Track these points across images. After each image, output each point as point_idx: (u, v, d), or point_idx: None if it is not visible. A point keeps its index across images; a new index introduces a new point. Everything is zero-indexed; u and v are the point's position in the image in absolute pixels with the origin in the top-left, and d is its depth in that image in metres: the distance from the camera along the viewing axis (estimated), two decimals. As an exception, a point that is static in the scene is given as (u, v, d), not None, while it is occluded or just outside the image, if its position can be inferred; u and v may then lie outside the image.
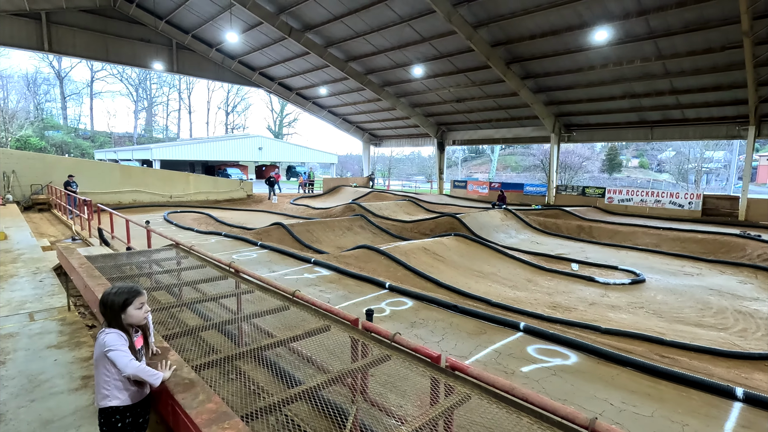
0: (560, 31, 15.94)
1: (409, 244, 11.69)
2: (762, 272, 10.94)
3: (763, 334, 7.45)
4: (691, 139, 22.45)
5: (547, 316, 7.45)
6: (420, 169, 63.41)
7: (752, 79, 14.60)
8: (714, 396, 4.08)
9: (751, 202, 17.57)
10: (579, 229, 16.81)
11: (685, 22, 13.89)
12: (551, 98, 21.09)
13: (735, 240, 13.45)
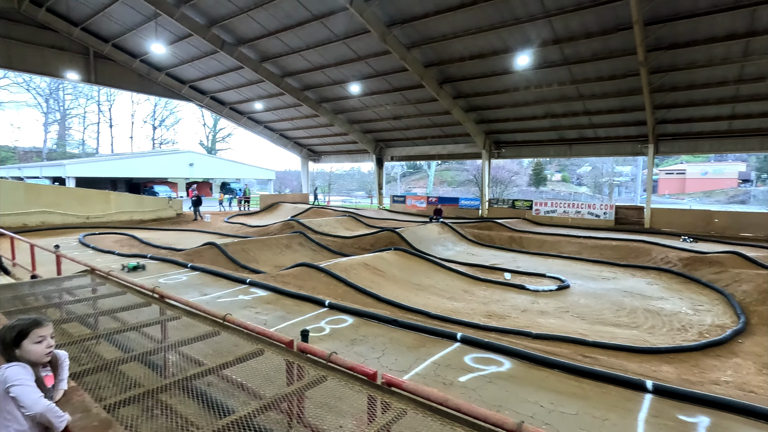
0: (487, 55, 17.05)
1: (350, 260, 11.63)
2: (665, 274, 12.25)
3: (668, 329, 8.32)
4: (603, 156, 24.87)
5: (483, 325, 7.74)
6: (360, 184, 63.85)
7: (649, 103, 16.57)
8: (629, 390, 4.45)
9: (653, 212, 19.75)
10: (510, 239, 17.79)
11: (593, 51, 15.50)
12: (481, 117, 22.36)
13: (642, 245, 14.97)
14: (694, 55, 14.42)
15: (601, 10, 13.34)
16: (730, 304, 9.38)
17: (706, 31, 13.33)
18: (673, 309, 9.37)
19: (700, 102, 16.63)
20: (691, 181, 58.37)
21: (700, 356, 6.94)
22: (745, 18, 12.52)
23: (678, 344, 7.25)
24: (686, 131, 18.57)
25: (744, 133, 17.45)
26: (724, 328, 8.14)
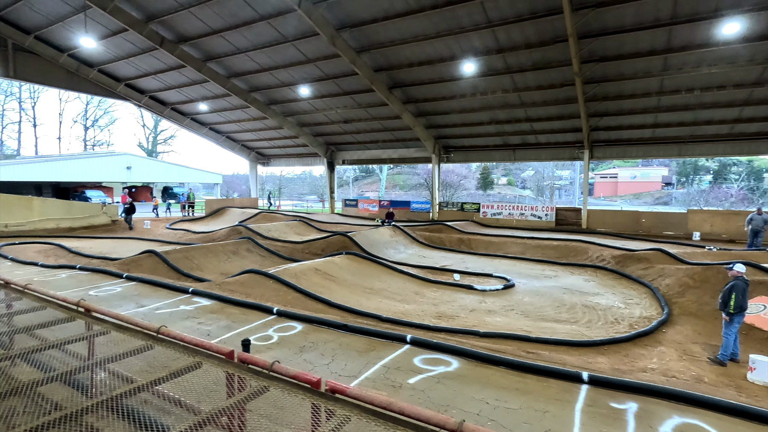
0: (435, 61, 17.47)
1: (300, 265, 11.40)
2: (600, 271, 13.11)
3: (603, 323, 8.89)
4: (544, 160, 26.25)
5: (433, 326, 7.86)
6: (312, 188, 62.96)
7: (584, 111, 17.74)
8: (568, 382, 4.69)
9: (589, 213, 21.13)
10: (460, 241, 18.27)
11: (533, 61, 16.36)
12: (431, 122, 22.85)
13: (580, 245, 15.92)
14: (621, 68, 15.63)
15: (540, 22, 14.12)
16: (656, 297, 10.19)
17: (631, 46, 14.50)
18: (608, 303, 10.03)
19: (627, 111, 18.04)
20: (622, 184, 63.01)
21: (631, 346, 7.47)
22: (663, 36, 13.76)
23: (611, 336, 7.76)
24: (617, 138, 20.07)
25: (665, 140, 19.16)
26: (650, 320, 8.83)
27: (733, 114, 16.83)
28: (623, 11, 13.09)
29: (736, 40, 13.21)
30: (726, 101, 16.25)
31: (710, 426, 3.81)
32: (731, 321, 6.76)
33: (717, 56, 14.15)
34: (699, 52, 14.05)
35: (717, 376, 6.39)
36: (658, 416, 3.96)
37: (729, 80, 15.20)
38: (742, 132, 17.54)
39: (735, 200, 35.83)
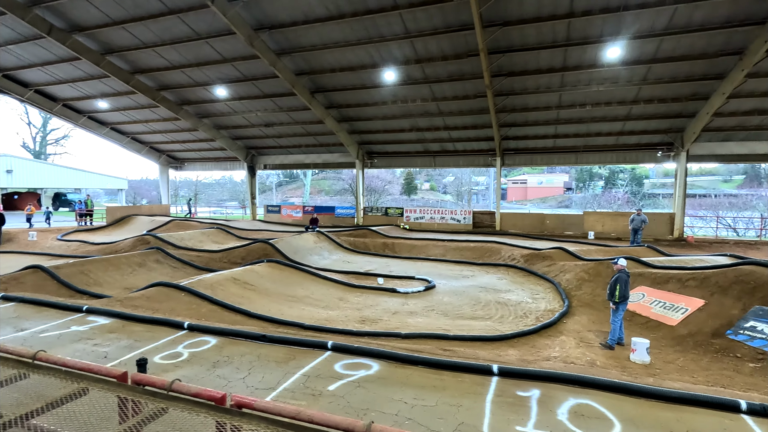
0: (357, 68, 17.65)
1: (217, 275, 10.75)
2: (512, 269, 14.12)
3: (514, 317, 9.56)
4: (462, 167, 27.69)
5: (356, 331, 7.87)
6: (233, 194, 59.91)
7: (495, 121, 19.09)
8: (480, 375, 4.96)
9: (502, 216, 22.72)
10: (384, 245, 18.56)
11: (449, 72, 17.25)
12: (354, 128, 23.00)
13: (494, 245, 17.01)
14: (526, 83, 17.10)
15: (454, 36, 14.94)
16: (558, 291, 11.22)
17: (534, 63, 15.94)
18: (518, 299, 10.82)
19: (532, 122, 19.76)
20: (531, 189, 68.75)
21: (537, 338, 8.12)
22: (560, 56, 15.33)
23: (521, 330, 8.37)
24: (524, 147, 21.86)
25: (564, 149, 21.29)
26: (553, 312, 9.69)
27: (618, 127, 19.24)
28: (526, 31, 14.33)
29: (617, 63, 15.13)
30: (612, 116, 18.52)
31: (599, 404, 4.26)
32: (617, 309, 7.65)
33: (603, 76, 16.09)
34: (589, 72, 15.86)
35: (607, 359, 7.18)
36: (558, 400, 4.34)
37: (613, 98, 17.35)
38: (625, 143, 20.11)
39: (621, 203, 40.96)
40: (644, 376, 6.19)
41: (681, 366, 6.91)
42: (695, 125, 17.25)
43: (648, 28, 13.52)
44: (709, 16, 12.79)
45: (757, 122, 17.17)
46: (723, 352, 7.25)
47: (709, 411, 4.15)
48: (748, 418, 4.00)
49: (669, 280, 9.71)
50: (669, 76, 15.55)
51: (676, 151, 18.92)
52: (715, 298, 8.49)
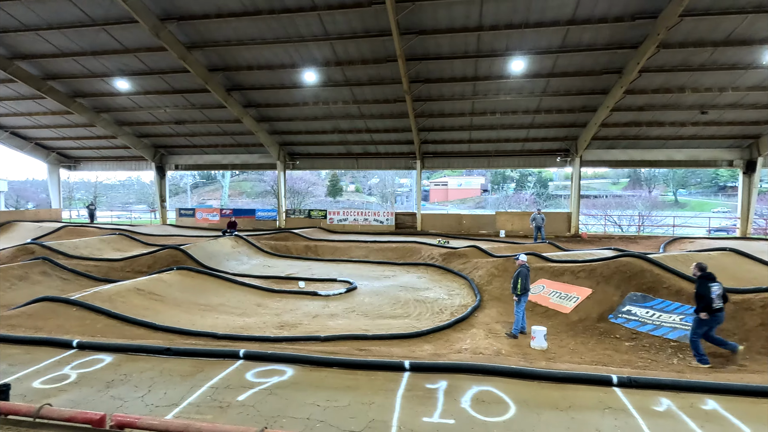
0: (276, 67, 17.18)
1: (116, 286, 9.78)
2: (430, 267, 14.71)
3: (431, 314, 9.97)
4: (384, 169, 28.30)
5: (273, 337, 7.66)
6: (141, 197, 54.87)
7: (414, 125, 19.79)
8: (393, 372, 5.11)
9: (423, 217, 23.59)
10: (306, 248, 18.28)
11: (369, 76, 17.52)
12: (274, 128, 22.35)
13: (415, 245, 17.60)
14: (442, 90, 17.96)
15: (373, 40, 15.22)
16: (471, 287, 11.92)
17: (448, 72, 16.81)
18: (435, 296, 11.31)
19: (449, 128, 20.82)
20: (451, 191, 72.19)
21: (451, 332, 8.55)
22: (471, 66, 16.35)
23: (436, 325, 8.76)
24: (442, 151, 22.92)
25: (478, 154, 22.71)
26: (467, 307, 10.28)
27: (523, 134, 20.99)
28: (441, 41, 15.07)
29: (521, 75, 16.52)
30: (518, 124, 20.16)
31: (498, 389, 4.62)
32: (519, 301, 8.35)
33: (509, 87, 17.46)
34: (497, 82, 17.11)
35: (511, 347, 7.79)
36: (462, 389, 4.62)
37: (519, 107, 18.90)
38: (530, 149, 22.00)
39: (528, 203, 44.75)
40: (541, 360, 6.83)
41: (572, 349, 7.73)
42: (586, 134, 19.44)
43: (546, 46, 14.96)
44: (594, 39, 14.50)
45: (634, 133, 19.82)
46: (606, 334, 8.25)
47: (588, 387, 4.71)
48: (618, 390, 4.61)
49: (564, 272, 10.81)
50: (564, 89, 17.33)
51: (571, 157, 21.13)
52: (600, 286, 9.64)
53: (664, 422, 3.99)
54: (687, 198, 53.49)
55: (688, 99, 17.05)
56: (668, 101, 17.32)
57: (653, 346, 7.41)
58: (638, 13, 13.16)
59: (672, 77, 15.92)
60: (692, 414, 4.13)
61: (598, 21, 13.51)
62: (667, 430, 3.86)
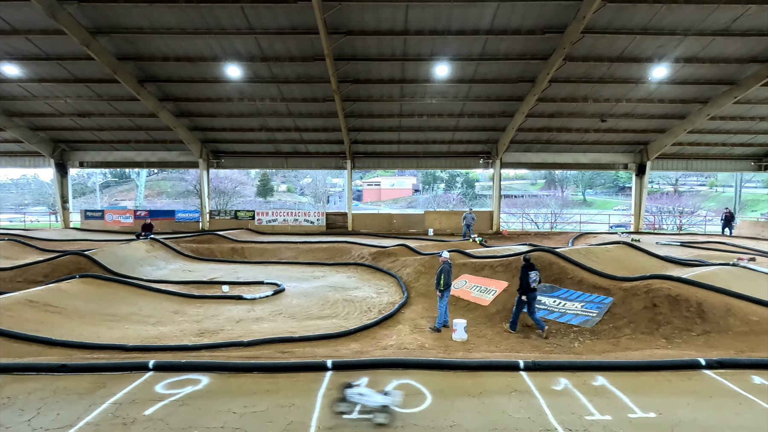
0: (195, 59, 16.20)
1: (2, 299, 8.61)
2: (360, 267, 14.80)
3: (359, 313, 10.04)
4: (314, 169, 27.91)
5: (191, 346, 7.24)
6: (39, 197, 48.72)
7: (344, 125, 19.79)
8: (315, 372, 5.08)
9: (354, 216, 23.68)
10: (232, 251, 17.49)
11: (297, 74, 17.20)
12: (196, 124, 21.08)
13: (346, 245, 17.61)
14: (370, 91, 18.17)
15: (300, 38, 14.96)
16: (400, 284, 12.20)
17: (377, 73, 17.05)
18: (364, 295, 11.41)
19: (378, 128, 21.11)
20: (384, 190, 73.18)
21: (378, 329, 8.68)
22: (399, 68, 16.74)
23: (363, 324, 8.84)
24: (372, 151, 23.17)
25: (407, 154, 23.28)
26: (394, 304, 10.50)
27: (449, 137, 21.92)
28: (369, 42, 15.23)
29: (446, 79, 17.23)
30: (444, 126, 21.01)
31: (417, 381, 4.80)
32: (442, 296, 8.71)
33: (435, 91, 18.14)
34: (424, 86, 17.70)
35: (434, 340, 8.11)
36: (382, 383, 4.73)
37: (444, 110, 19.70)
38: (455, 151, 23.02)
39: (455, 203, 46.85)
40: (461, 351, 7.20)
41: (490, 339, 8.24)
42: (505, 138, 20.79)
43: (467, 53, 15.76)
44: (510, 49, 15.56)
45: (546, 137, 21.58)
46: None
47: (498, 373, 5.06)
48: (524, 374, 5.01)
49: (484, 267, 11.47)
50: (485, 95, 18.39)
51: (493, 159, 22.48)
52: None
53: (561, 400, 4.41)
54: (593, 197, 59.38)
55: (591, 108, 18.95)
56: (574, 109, 19.11)
57: (559, 332, 8.14)
58: (547, 27, 14.35)
59: (577, 88, 17.59)
60: (584, 390, 4.61)
61: (513, 32, 14.52)
62: (563, 406, 4.27)
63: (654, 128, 20.65)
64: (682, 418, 4.03)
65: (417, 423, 3.98)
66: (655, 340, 6.98)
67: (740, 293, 7.37)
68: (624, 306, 8.07)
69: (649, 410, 4.16)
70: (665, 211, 34.79)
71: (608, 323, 7.89)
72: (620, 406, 4.27)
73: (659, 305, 7.62)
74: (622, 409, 4.21)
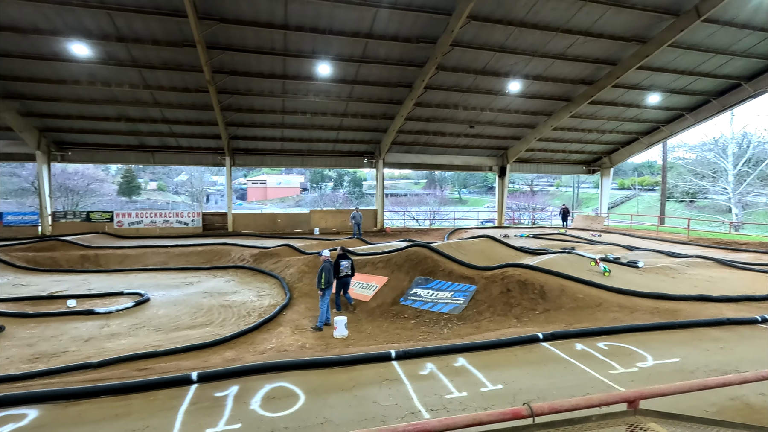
0: (27, 31, 13.46)
1: None
2: (240, 270, 14.02)
3: (236, 318, 9.49)
4: (187, 165, 25.63)
5: (20, 374, 6.05)
6: None
7: (221, 119, 18.47)
8: (177, 387, 4.64)
9: (235, 216, 22.31)
10: (83, 259, 15.08)
11: (163, 60, 15.48)
12: (30, 109, 17.57)
13: (224, 247, 16.49)
14: (250, 84, 17.27)
15: (166, 20, 13.50)
16: (282, 286, 11.87)
17: (256, 66, 16.28)
18: (243, 299, 10.82)
19: (260, 124, 20.18)
20: (271, 189, 70.45)
21: (257, 334, 8.32)
22: (280, 63, 16.22)
23: (241, 329, 8.39)
24: (254, 148, 22.08)
25: (291, 152, 22.74)
26: (276, 306, 10.18)
27: (334, 136, 22.01)
28: (246, 33, 14.44)
29: (329, 78, 17.24)
30: (328, 125, 21.01)
31: (291, 383, 4.72)
32: (323, 295, 8.73)
33: (318, 89, 18.04)
34: (307, 83, 17.46)
35: (316, 340, 8.08)
36: (253, 390, 4.54)
37: (328, 109, 19.71)
38: (340, 150, 23.22)
39: (342, 201, 47.39)
40: (341, 347, 7.30)
41: (369, 333, 8.51)
42: (387, 139, 21.67)
43: (349, 54, 16.00)
44: (389, 54, 16.24)
45: (424, 140, 23.08)
46: (397, 315, 9.37)
47: (372, 365, 5.25)
48: (396, 363, 5.29)
49: (366, 264, 11.80)
50: (367, 97, 18.90)
51: (376, 159, 23.25)
52: (394, 274, 10.89)
53: (426, 383, 4.76)
54: (467, 196, 65.53)
55: (461, 115, 20.82)
56: (447, 115, 20.79)
57: (432, 321, 8.78)
58: (422, 37, 15.33)
59: (449, 95, 19.16)
60: (446, 372, 5.05)
61: (391, 38, 15.17)
62: (427, 389, 4.62)
63: (512, 135, 23.59)
64: (522, 386, 4.67)
65: (288, 425, 3.91)
66: (509, 320, 7.98)
67: (570, 275, 8.85)
68: (485, 292, 9.06)
69: (498, 383, 4.74)
70: (522, 207, 40.11)
71: (472, 309, 8.78)
72: (475, 382, 4.77)
73: (512, 290, 8.74)
74: (477, 384, 4.71)
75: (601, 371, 5.01)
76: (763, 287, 9.43)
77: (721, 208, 34.63)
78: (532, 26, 14.91)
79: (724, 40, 16.35)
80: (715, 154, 32.05)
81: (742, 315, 7.15)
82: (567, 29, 15.17)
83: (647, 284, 9.24)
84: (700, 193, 37.40)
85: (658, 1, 14.17)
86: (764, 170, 30.06)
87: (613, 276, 9.59)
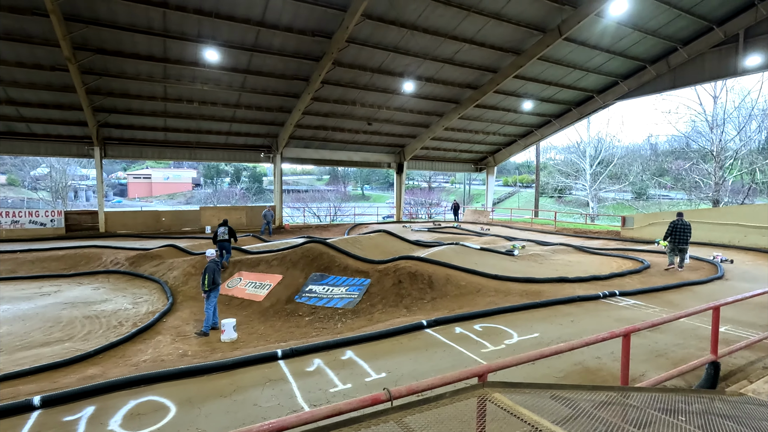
0: None
1: None
2: (113, 275, 12.43)
3: (105, 330, 8.39)
4: (45, 156, 21.95)
5: None
6: None
7: (87, 104, 16.08)
8: (14, 417, 3.93)
9: (108, 215, 19.69)
10: None
11: (5, 28, 12.92)
12: None
13: (93, 251, 14.49)
14: (123, 66, 15.30)
15: (4, -19, 11.29)
16: (164, 290, 10.81)
17: (130, 46, 14.47)
18: (115, 308, 9.62)
19: (137, 111, 18.03)
20: (156, 185, 63.64)
21: (130, 345, 7.46)
22: (159, 45, 14.63)
23: (110, 342, 7.43)
24: (131, 137, 19.68)
25: (177, 144, 20.77)
26: (155, 313, 9.24)
27: (226, 128, 20.63)
28: (115, 7, 12.73)
29: (218, 66, 16.06)
30: (220, 116, 19.62)
31: (161, 396, 4.30)
32: (209, 297, 8.14)
33: (206, 76, 16.70)
34: (192, 69, 16.03)
35: (200, 346, 7.51)
36: (114, 408, 4.04)
37: (219, 99, 18.39)
38: (234, 143, 21.88)
39: (239, 198, 44.86)
40: (230, 351, 6.88)
41: (261, 334, 8.19)
42: (284, 133, 21.01)
43: (240, 41, 15.08)
44: (284, 45, 15.69)
45: (323, 135, 22.88)
46: (292, 313, 9.16)
47: (257, 366, 5.03)
48: (282, 363, 5.14)
49: (260, 262, 11.33)
50: (261, 88, 18.05)
51: (273, 153, 22.40)
52: (289, 272, 10.62)
53: (312, 379, 4.71)
54: (370, 192, 66.78)
55: (359, 111, 21.06)
56: (346, 111, 20.86)
57: (326, 316, 8.76)
58: (317, 31, 15.10)
59: (347, 92, 19.22)
60: (334, 366, 5.06)
61: (285, 29, 14.66)
62: (312, 385, 4.58)
63: (408, 134, 24.58)
64: (405, 372, 4.88)
65: (153, 443, 3.55)
66: (399, 310, 8.30)
67: (455, 265, 9.52)
68: (378, 285, 9.31)
69: (382, 371, 4.88)
70: (419, 203, 42.17)
71: (366, 302, 8.96)
72: (360, 373, 4.86)
73: (403, 281, 9.11)
74: (361, 375, 4.80)
75: (475, 351, 5.47)
76: (608, 268, 11.22)
77: (581, 202, 40.40)
78: (423, 30, 15.63)
79: (581, 57, 19.01)
80: (577, 156, 37.21)
81: (590, 292, 8.41)
82: (454, 36, 16.21)
83: (519, 270, 10.37)
84: (567, 190, 43.19)
85: (529, 18, 15.89)
86: (612, 170, 35.82)
87: (492, 264, 10.56)
